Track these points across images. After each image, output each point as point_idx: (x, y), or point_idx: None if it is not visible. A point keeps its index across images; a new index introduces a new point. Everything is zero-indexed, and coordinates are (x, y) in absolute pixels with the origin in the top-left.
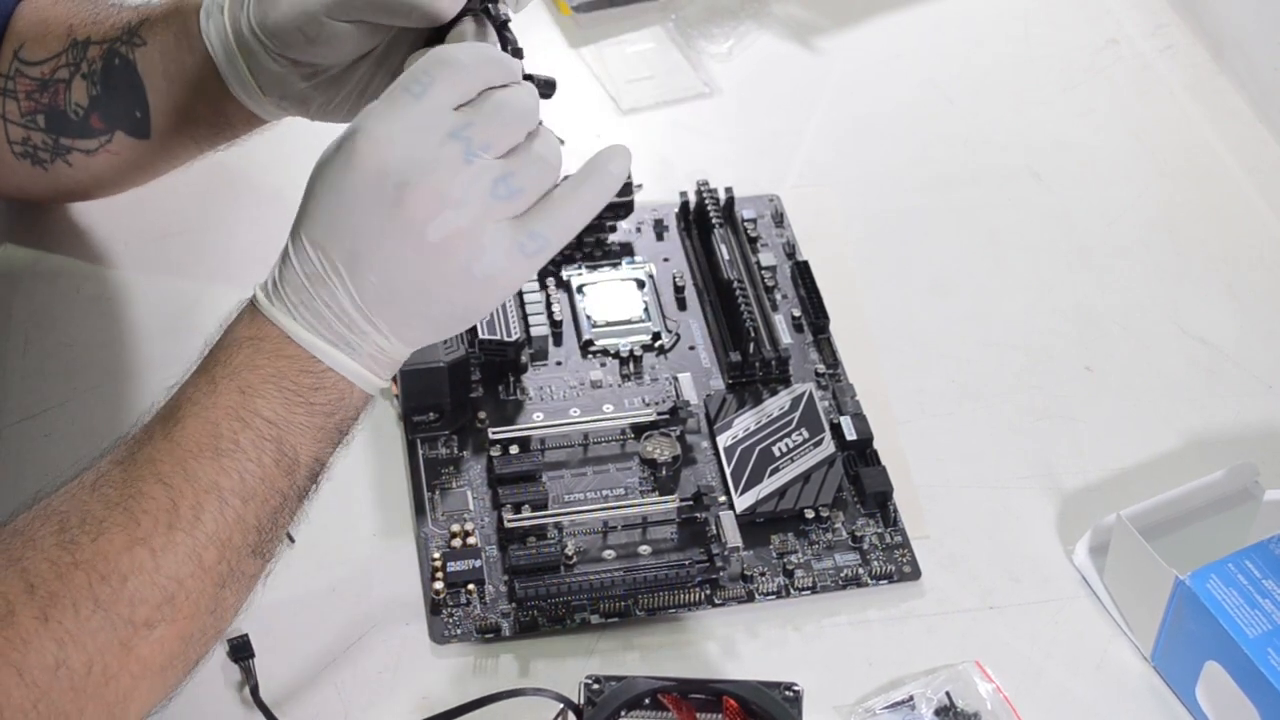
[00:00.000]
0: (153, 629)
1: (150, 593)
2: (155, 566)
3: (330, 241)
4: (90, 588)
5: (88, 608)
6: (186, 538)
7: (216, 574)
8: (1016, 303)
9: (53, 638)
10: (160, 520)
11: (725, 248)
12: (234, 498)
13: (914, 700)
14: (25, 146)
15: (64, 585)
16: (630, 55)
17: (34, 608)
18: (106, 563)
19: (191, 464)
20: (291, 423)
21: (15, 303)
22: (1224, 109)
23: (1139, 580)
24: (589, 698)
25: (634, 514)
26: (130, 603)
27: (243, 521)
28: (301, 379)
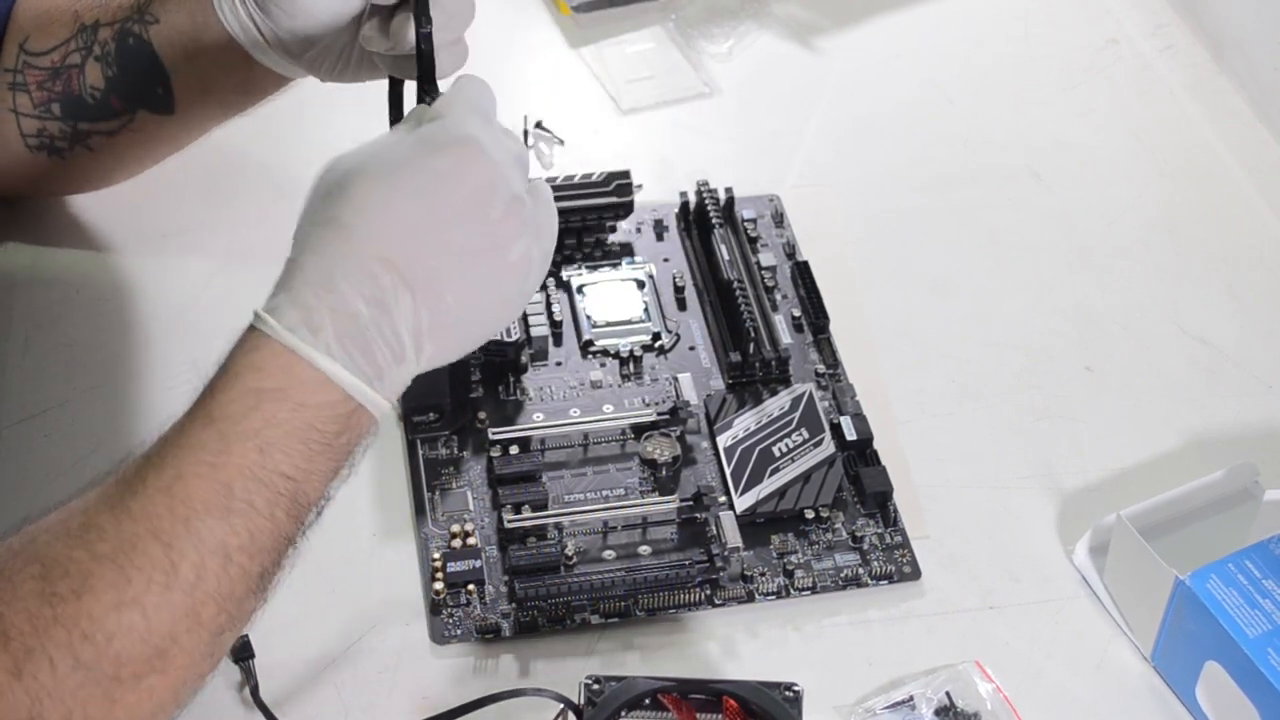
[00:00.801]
0: (140, 681)
1: (139, 651)
2: (146, 627)
3: (413, 258)
4: (70, 645)
5: (66, 665)
6: (185, 598)
7: (214, 626)
8: (1016, 303)
9: (26, 692)
10: (155, 580)
11: (725, 248)
12: (240, 555)
13: (914, 700)
14: (41, 139)
15: (41, 640)
16: (630, 55)
17: (8, 660)
18: (90, 621)
19: (197, 524)
20: (311, 473)
21: (15, 303)
22: (1224, 109)
23: (1139, 580)
24: (589, 698)
25: (634, 514)
26: (115, 661)
27: (247, 574)
28: (328, 426)
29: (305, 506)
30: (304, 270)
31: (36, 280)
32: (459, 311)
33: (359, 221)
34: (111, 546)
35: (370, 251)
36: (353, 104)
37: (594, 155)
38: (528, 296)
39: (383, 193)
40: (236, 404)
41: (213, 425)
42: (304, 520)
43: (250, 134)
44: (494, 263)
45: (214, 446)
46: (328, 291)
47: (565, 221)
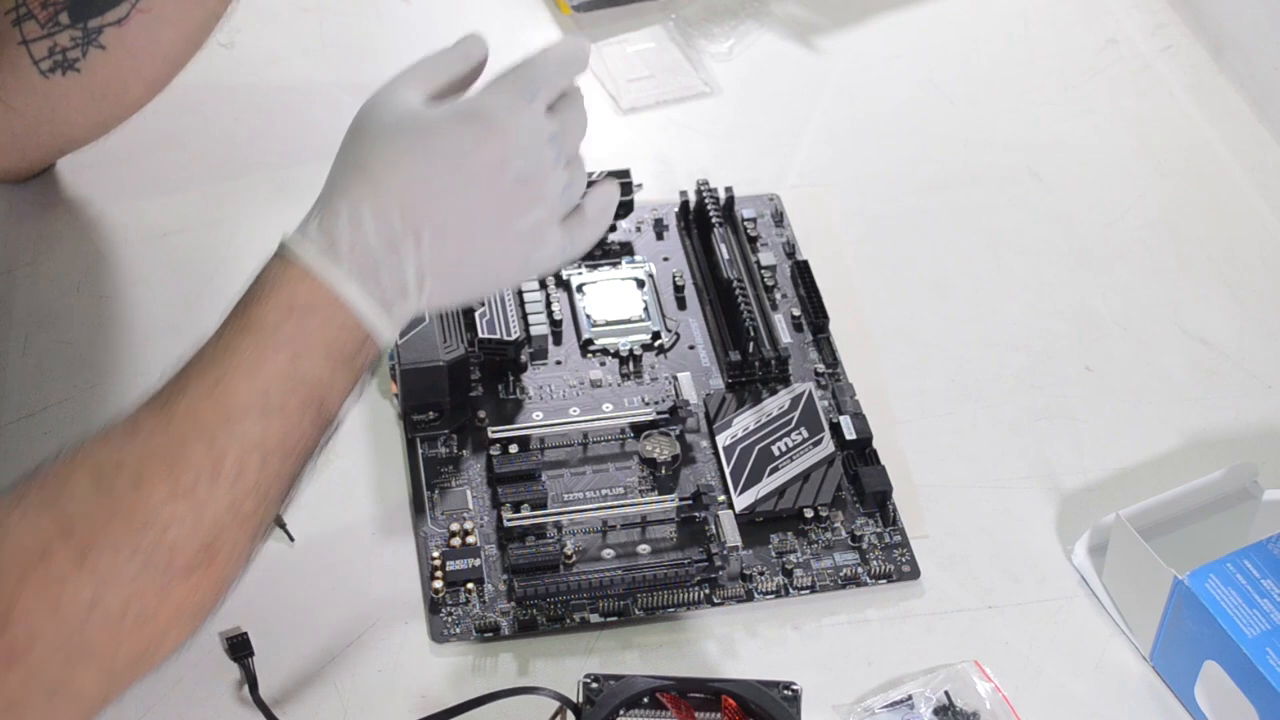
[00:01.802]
0: (190, 575)
1: (190, 542)
2: (196, 518)
3: (425, 210)
4: (130, 535)
5: (126, 553)
6: (228, 493)
7: (253, 523)
8: (1016, 303)
9: (90, 578)
10: (203, 475)
11: (725, 247)
12: (275, 455)
13: (913, 700)
14: (53, 57)
15: (102, 531)
16: (630, 55)
17: (71, 548)
18: (147, 512)
19: (238, 423)
20: (334, 385)
21: (15, 302)
22: (1224, 109)
23: (1138, 580)
24: (588, 696)
25: (633, 513)
26: (170, 551)
27: (281, 476)
28: (349, 345)
29: (327, 418)
30: (332, 206)
31: (36, 279)
32: (460, 264)
33: (384, 174)
34: (161, 444)
35: (389, 200)
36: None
37: (594, 154)
38: (541, 266)
39: (409, 152)
40: (271, 315)
41: (249, 333)
42: (325, 432)
43: (251, 133)
44: (499, 228)
45: (252, 353)
46: (350, 228)
47: None
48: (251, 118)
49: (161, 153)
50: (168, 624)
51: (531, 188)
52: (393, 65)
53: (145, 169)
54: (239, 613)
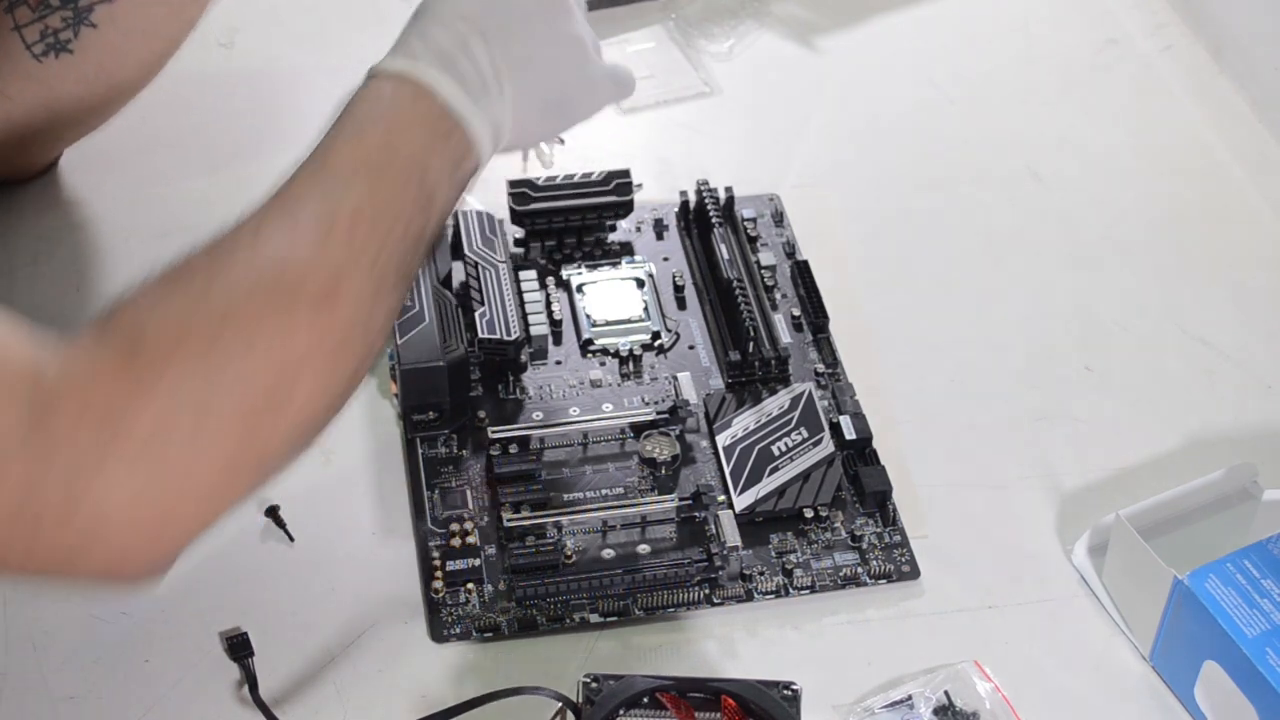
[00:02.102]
0: (316, 311)
1: (312, 276)
2: (315, 260)
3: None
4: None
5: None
6: (342, 247)
7: (372, 279)
8: (1016, 303)
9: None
10: (319, 227)
11: (725, 247)
12: (383, 219)
13: (913, 700)
14: (45, 40)
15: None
16: (630, 55)
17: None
18: (264, 261)
19: (344, 185)
20: (429, 164)
21: (15, 302)
22: (1224, 109)
23: (1138, 580)
24: (587, 696)
25: (633, 513)
26: (295, 281)
27: (389, 240)
28: (439, 125)
29: (429, 198)
30: (405, 32)
31: (36, 278)
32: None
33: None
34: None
35: (452, 13)
36: None
37: (594, 154)
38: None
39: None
40: (364, 107)
41: (347, 119)
42: (430, 216)
43: (251, 133)
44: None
45: (352, 127)
46: (420, 39)
47: (565, 220)
48: (251, 117)
49: (161, 153)
50: (300, 361)
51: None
52: None
53: (145, 169)
54: (239, 613)
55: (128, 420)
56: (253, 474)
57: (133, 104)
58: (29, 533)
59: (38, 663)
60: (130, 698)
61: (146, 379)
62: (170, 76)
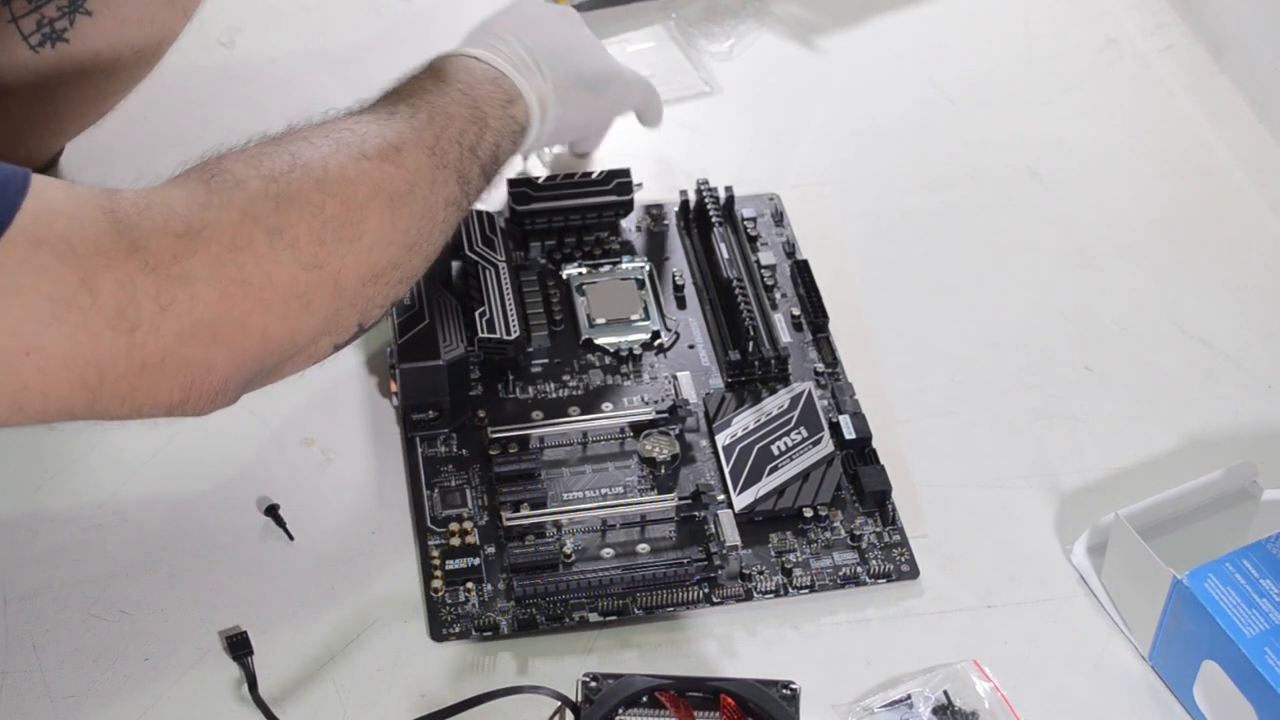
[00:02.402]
0: (382, 162)
1: (377, 138)
2: (379, 129)
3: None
4: (322, 131)
5: (319, 136)
6: (404, 120)
7: (433, 157)
8: (1016, 303)
9: (289, 146)
10: (384, 106)
11: (725, 247)
12: (441, 116)
13: (912, 699)
14: (41, 30)
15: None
16: (630, 54)
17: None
18: (333, 120)
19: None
20: (478, 92)
21: None
22: (1224, 109)
23: (1137, 580)
24: (587, 695)
25: (633, 512)
26: (360, 138)
27: (446, 132)
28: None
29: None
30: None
31: None
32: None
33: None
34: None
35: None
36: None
37: (594, 154)
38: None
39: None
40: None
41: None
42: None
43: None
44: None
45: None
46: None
47: (565, 220)
48: (251, 118)
49: (161, 153)
50: (366, 200)
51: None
52: (393, 65)
53: (145, 169)
54: (239, 612)
55: (207, 232)
56: (328, 300)
57: (133, 102)
58: (125, 341)
59: (38, 662)
60: (130, 697)
61: (226, 192)
62: (172, 75)
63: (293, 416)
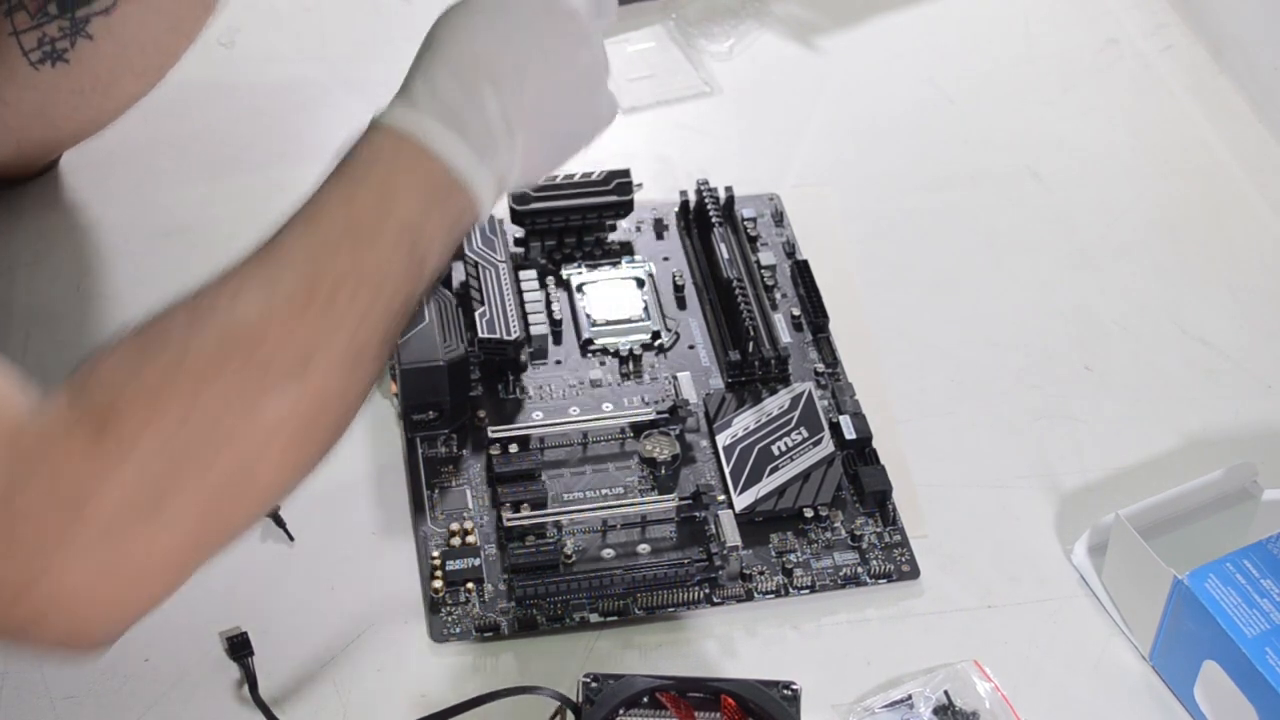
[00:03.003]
0: (286, 387)
1: (285, 353)
2: (289, 336)
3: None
4: (224, 341)
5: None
6: (321, 317)
7: (346, 356)
8: (1016, 303)
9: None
10: (297, 297)
11: (725, 247)
12: (366, 289)
13: (912, 699)
14: (42, 48)
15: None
16: (630, 54)
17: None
18: (239, 328)
19: (329, 254)
20: (426, 228)
21: (15, 301)
22: (1224, 109)
23: (1137, 580)
24: (587, 696)
25: (633, 513)
26: (263, 365)
27: (372, 310)
28: (440, 188)
29: (421, 262)
30: (408, 80)
31: (36, 278)
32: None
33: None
34: (256, 269)
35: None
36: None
37: (594, 154)
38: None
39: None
40: (360, 163)
41: (341, 177)
42: (418, 279)
43: (251, 133)
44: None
45: (342, 191)
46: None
47: (565, 220)
48: (251, 118)
49: (161, 153)
50: (266, 437)
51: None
52: (392, 65)
53: (145, 169)
54: (239, 612)
55: (93, 503)
56: (214, 547)
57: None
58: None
59: (38, 662)
60: (130, 698)
61: (114, 458)
62: (171, 75)
63: None
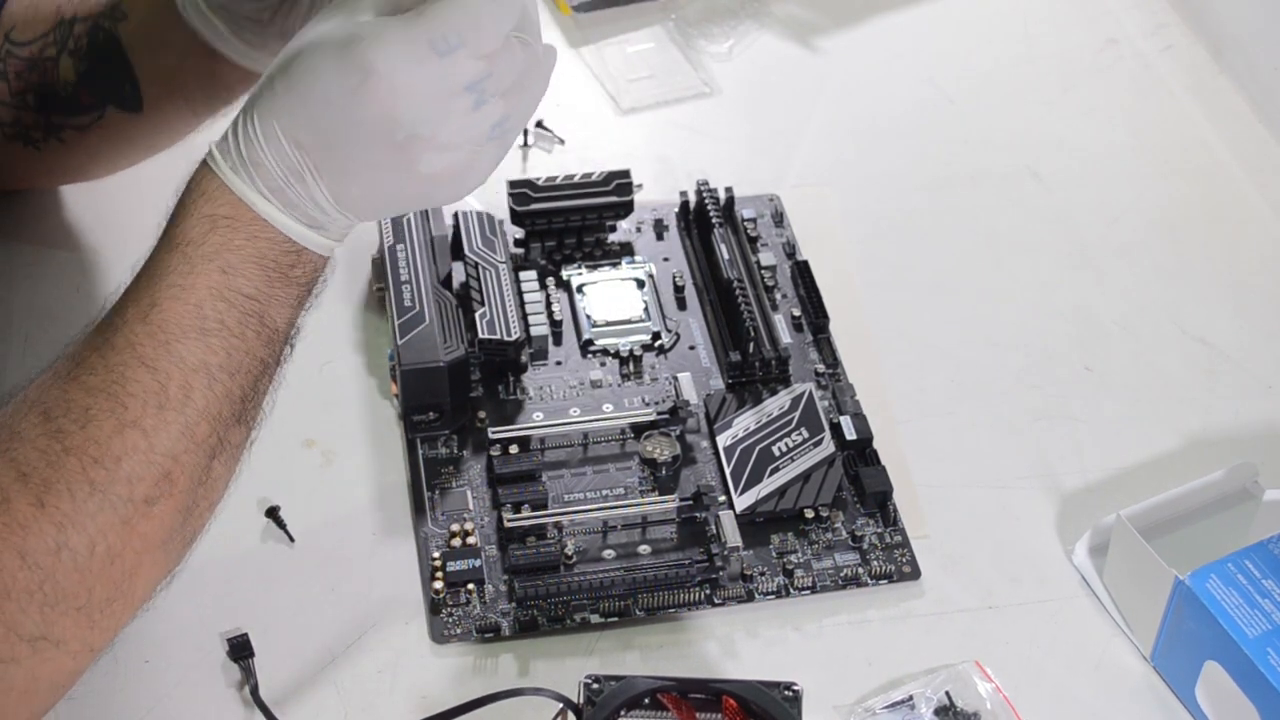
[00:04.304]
0: (152, 505)
1: (146, 471)
2: (149, 446)
3: (319, 149)
4: (84, 471)
5: (84, 491)
6: (177, 416)
7: (208, 446)
8: (1016, 303)
9: (51, 522)
10: (150, 403)
11: (725, 247)
12: (221, 373)
13: (913, 700)
14: (16, 128)
15: (57, 472)
16: (630, 55)
17: (29, 495)
18: (98, 447)
19: (176, 346)
20: (272, 297)
21: (15, 301)
22: (1224, 109)
23: (1139, 580)
24: (588, 697)
25: (634, 514)
26: (127, 482)
27: (230, 395)
28: (281, 258)
29: (274, 330)
30: (249, 120)
31: (36, 278)
32: (368, 199)
33: (285, 99)
34: (102, 379)
35: (289, 130)
36: None
37: (594, 155)
38: (458, 193)
39: (309, 82)
40: (195, 229)
41: (176, 250)
42: (276, 346)
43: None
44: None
45: (181, 269)
46: (257, 146)
47: (565, 221)
48: None
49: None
50: (137, 558)
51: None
52: None
53: (145, 169)
54: (240, 613)
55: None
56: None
57: None
58: None
59: None
60: (130, 698)
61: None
62: None
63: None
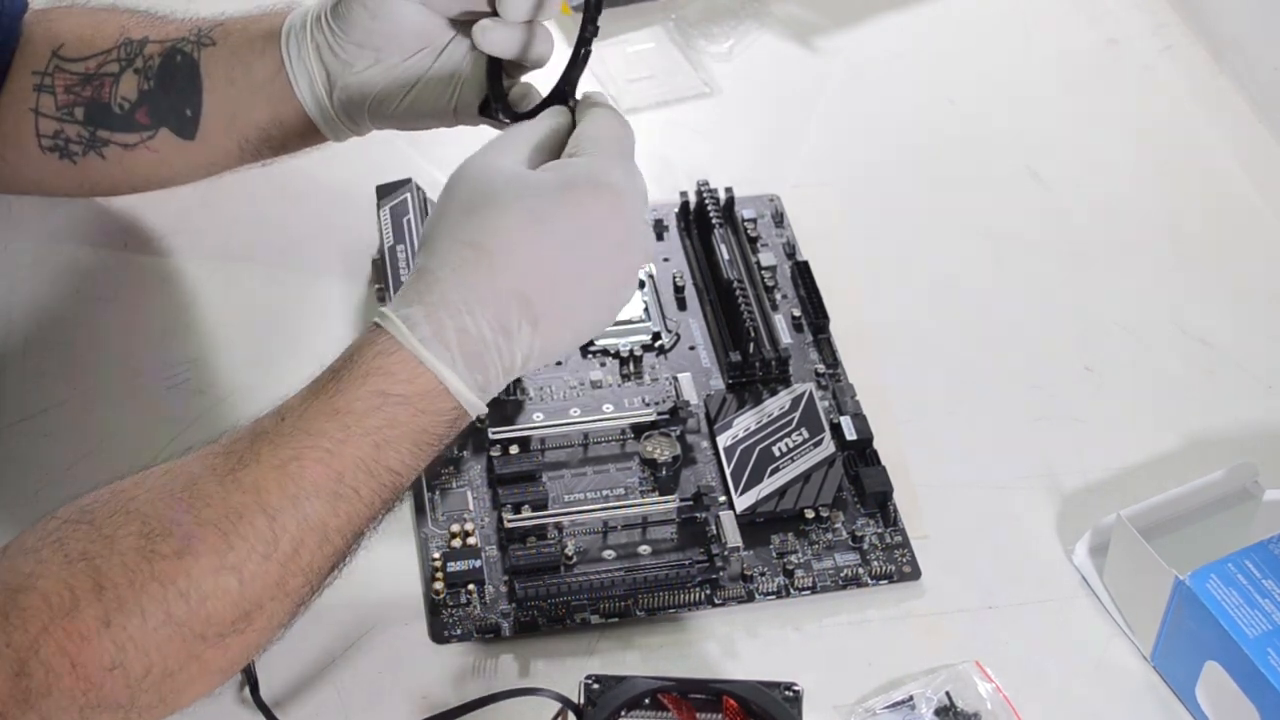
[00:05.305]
0: (223, 639)
1: (229, 613)
2: (240, 592)
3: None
4: (165, 602)
5: (157, 619)
6: (279, 569)
7: (298, 595)
8: (1016, 303)
9: (114, 641)
10: (256, 550)
11: (725, 248)
12: (336, 535)
13: (914, 700)
14: (56, 140)
15: (136, 594)
16: (630, 55)
17: (99, 609)
18: (188, 581)
19: (304, 502)
20: (415, 469)
21: (15, 303)
22: (1224, 109)
23: (1139, 580)
24: (589, 697)
25: (634, 514)
26: (206, 621)
27: (338, 553)
28: (438, 429)
29: (399, 495)
30: (443, 287)
31: (37, 280)
32: (576, 336)
33: (503, 255)
34: (217, 513)
35: (509, 285)
36: None
37: None
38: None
39: (531, 232)
40: (362, 402)
41: (337, 418)
42: (394, 506)
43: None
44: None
45: (335, 436)
46: (462, 313)
47: None
48: None
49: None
50: (192, 679)
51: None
52: None
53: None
54: None
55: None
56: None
57: None
58: None
59: None
60: None
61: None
62: None
63: None
